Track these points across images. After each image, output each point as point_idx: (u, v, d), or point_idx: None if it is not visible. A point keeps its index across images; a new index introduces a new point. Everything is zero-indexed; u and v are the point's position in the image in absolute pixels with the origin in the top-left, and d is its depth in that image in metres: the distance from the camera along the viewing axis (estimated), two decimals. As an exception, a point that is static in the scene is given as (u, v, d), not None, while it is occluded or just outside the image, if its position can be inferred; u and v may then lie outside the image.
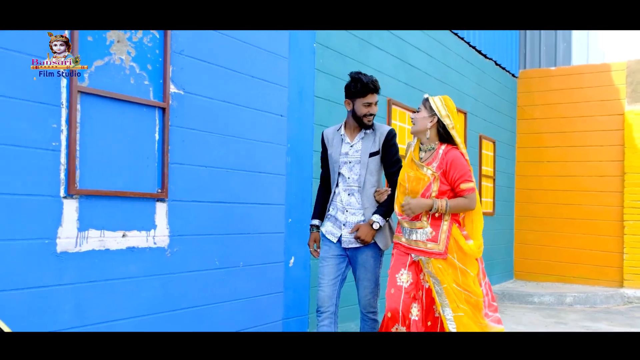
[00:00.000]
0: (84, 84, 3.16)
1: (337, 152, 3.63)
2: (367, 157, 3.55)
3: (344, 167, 3.60)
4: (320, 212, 3.76)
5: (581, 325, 6.55)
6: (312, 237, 3.72)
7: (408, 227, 3.39)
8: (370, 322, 3.60)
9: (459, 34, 7.59)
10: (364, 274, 3.56)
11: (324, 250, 3.65)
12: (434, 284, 3.27)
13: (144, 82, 3.50)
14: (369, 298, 3.57)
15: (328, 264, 3.60)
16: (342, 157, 3.61)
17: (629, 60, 8.89)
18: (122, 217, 3.36)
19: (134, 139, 3.44)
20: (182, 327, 3.71)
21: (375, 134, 3.59)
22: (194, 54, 3.81)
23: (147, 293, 3.50)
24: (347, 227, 3.57)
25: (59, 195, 3.05)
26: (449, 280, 3.24)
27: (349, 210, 3.58)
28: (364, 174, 3.54)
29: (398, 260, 3.42)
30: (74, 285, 3.12)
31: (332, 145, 3.67)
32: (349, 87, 3.55)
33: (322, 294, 3.57)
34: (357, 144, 3.60)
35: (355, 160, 3.58)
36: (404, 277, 3.36)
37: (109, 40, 3.30)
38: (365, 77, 3.51)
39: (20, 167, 2.89)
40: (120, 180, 3.36)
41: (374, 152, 3.57)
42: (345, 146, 3.62)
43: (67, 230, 3.08)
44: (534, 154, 9.53)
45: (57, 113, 3.04)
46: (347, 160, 3.60)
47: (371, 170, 3.56)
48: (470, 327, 3.23)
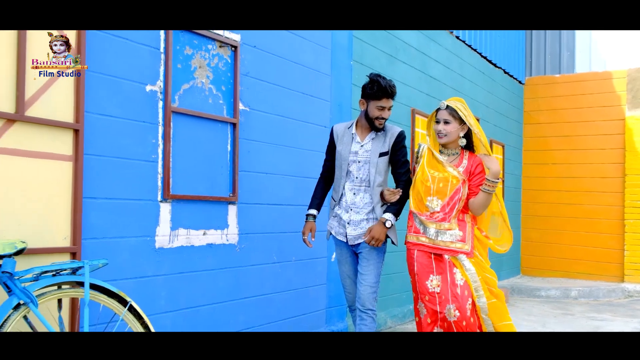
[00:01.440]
0: (175, 104, 3.71)
1: (347, 150, 3.64)
2: (376, 157, 3.57)
3: (353, 166, 3.62)
4: (318, 203, 3.82)
5: (587, 316, 7.12)
6: (307, 225, 3.75)
7: (435, 228, 3.46)
8: (369, 321, 3.55)
9: (473, 45, 8.15)
10: (366, 266, 3.56)
11: (339, 254, 3.78)
12: (470, 278, 3.40)
13: (219, 102, 4.05)
14: (369, 292, 3.54)
15: (347, 267, 3.73)
16: (351, 156, 3.63)
17: (629, 68, 9.46)
18: (203, 218, 3.91)
19: (211, 151, 3.99)
20: (248, 313, 4.26)
21: (385, 134, 3.61)
22: (257, 75, 4.36)
23: (221, 283, 4.06)
24: (351, 225, 3.62)
25: (157, 199, 3.60)
26: (482, 273, 3.43)
27: (353, 210, 3.63)
28: (373, 174, 3.57)
29: (423, 267, 3.48)
30: (167, 275, 3.67)
31: (341, 142, 3.68)
32: (365, 87, 3.56)
33: (349, 296, 3.77)
34: (368, 144, 3.61)
35: (364, 160, 3.60)
36: (434, 282, 3.45)
37: (193, 66, 3.85)
38: (384, 80, 3.50)
39: (128, 176, 3.44)
40: (202, 186, 3.91)
41: (383, 152, 3.59)
42: (356, 145, 3.63)
43: (163, 229, 3.64)
44: (540, 157, 10.10)
45: (155, 130, 3.59)
46: (357, 160, 3.62)
47: (380, 170, 3.58)
48: (503, 310, 3.46)
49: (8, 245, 2.50)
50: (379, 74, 3.56)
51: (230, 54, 4.12)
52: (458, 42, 7.76)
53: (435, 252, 3.46)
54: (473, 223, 3.49)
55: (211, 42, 3.97)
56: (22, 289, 2.50)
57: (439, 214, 3.45)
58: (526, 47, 10.33)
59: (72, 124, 3.10)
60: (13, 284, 2.50)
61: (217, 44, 4.01)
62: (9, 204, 2.83)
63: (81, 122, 3.12)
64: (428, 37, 6.94)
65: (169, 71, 3.63)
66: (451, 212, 3.43)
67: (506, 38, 9.39)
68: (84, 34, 3.13)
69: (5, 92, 2.83)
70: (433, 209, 3.48)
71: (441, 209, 3.45)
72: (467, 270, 3.41)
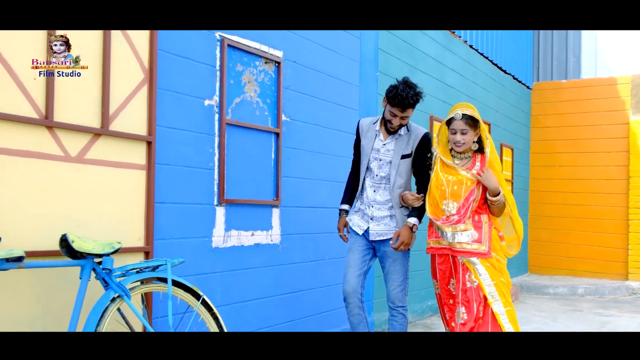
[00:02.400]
0: (229, 117, 4.07)
1: (370, 146, 3.63)
2: (398, 159, 3.55)
3: (374, 163, 3.61)
4: (349, 198, 3.82)
5: (594, 312, 7.50)
6: (341, 221, 3.79)
7: (451, 230, 3.47)
8: (400, 317, 3.60)
9: (485, 53, 8.51)
10: (392, 266, 3.58)
11: (351, 242, 3.71)
12: (485, 284, 3.39)
13: (265, 113, 4.41)
14: (398, 291, 3.59)
15: (354, 255, 3.64)
16: (373, 153, 3.61)
17: (633, 74, 9.83)
18: (251, 220, 4.28)
19: (258, 158, 4.36)
20: (288, 307, 4.62)
21: (410, 135, 3.58)
22: (296, 88, 4.72)
23: (267, 280, 4.42)
24: (375, 221, 3.62)
25: (213, 203, 3.97)
26: (497, 277, 3.41)
27: (374, 206, 3.63)
28: (393, 175, 3.56)
29: (444, 273, 3.55)
30: (222, 273, 4.04)
31: (365, 136, 3.67)
32: (388, 88, 3.52)
33: (347, 286, 3.60)
34: (390, 144, 3.59)
35: (385, 160, 3.59)
36: (454, 286, 3.53)
37: (243, 82, 4.21)
38: (404, 88, 3.41)
39: (190, 182, 3.80)
40: (250, 190, 4.27)
41: (406, 154, 3.56)
42: (378, 142, 3.62)
43: (218, 230, 4.00)
44: (547, 159, 10.47)
45: (212, 140, 3.96)
46: (378, 158, 3.61)
47: (401, 172, 3.56)
48: (516, 320, 3.44)
49: (107, 245, 2.86)
50: (408, 81, 3.48)
51: (274, 69, 4.48)
52: (471, 50, 8.12)
53: (454, 255, 3.50)
54: (490, 224, 3.51)
55: (258, 59, 4.33)
56: (118, 284, 2.87)
57: (455, 217, 3.47)
58: (534, 53, 10.70)
59: (145, 136, 3.46)
60: (110, 279, 2.86)
61: (263, 61, 4.38)
62: (95, 208, 3.19)
63: (153, 135, 3.49)
64: (444, 47, 7.30)
65: (223, 86, 3.99)
66: (466, 214, 3.45)
67: (515, 45, 9.76)
68: (156, 54, 3.49)
69: (93, 109, 3.19)
70: (449, 212, 3.49)
71: (457, 212, 3.47)
72: (480, 275, 3.41)
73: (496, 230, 3.54)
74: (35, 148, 2.92)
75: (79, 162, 3.12)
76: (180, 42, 3.71)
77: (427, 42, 6.86)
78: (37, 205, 2.92)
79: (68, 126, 3.04)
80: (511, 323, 3.40)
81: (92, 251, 2.79)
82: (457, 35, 7.66)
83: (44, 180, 2.95)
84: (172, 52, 3.66)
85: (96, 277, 2.88)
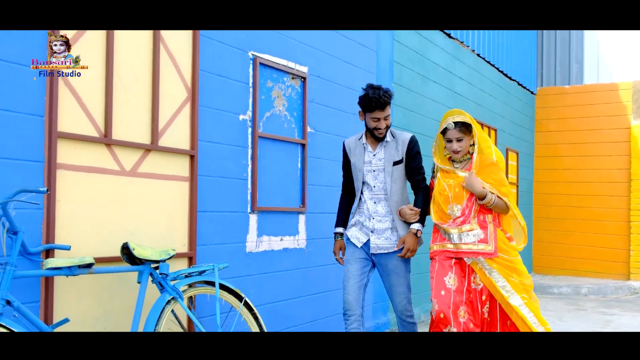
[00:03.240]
0: (260, 130, 4.37)
1: (361, 161, 3.63)
2: (390, 165, 3.56)
3: (369, 175, 3.62)
4: (343, 220, 3.80)
5: (598, 311, 7.80)
6: (337, 244, 3.75)
7: (457, 232, 3.48)
8: (410, 326, 3.63)
9: (491, 61, 8.80)
10: (396, 280, 3.56)
11: (349, 253, 3.66)
12: (496, 280, 3.40)
13: (292, 126, 4.71)
14: (405, 304, 3.59)
15: (353, 267, 3.59)
16: (366, 166, 3.62)
17: (635, 80, 10.14)
18: (280, 226, 4.57)
19: (286, 168, 4.65)
20: (313, 307, 4.92)
21: (397, 141, 3.59)
22: (320, 101, 5.02)
23: (295, 282, 4.72)
24: (376, 234, 3.59)
25: (247, 211, 4.26)
26: (507, 275, 3.42)
27: (376, 218, 3.60)
28: (389, 182, 3.56)
29: (443, 266, 3.52)
30: (255, 275, 4.33)
31: (354, 154, 3.68)
32: (359, 99, 3.54)
33: (348, 297, 3.54)
34: (380, 152, 3.61)
35: (379, 169, 3.60)
36: (452, 280, 3.47)
37: (273, 97, 4.50)
38: (373, 91, 3.44)
39: (227, 192, 4.09)
40: (279, 198, 4.57)
41: (397, 160, 3.58)
42: (368, 155, 3.63)
43: (251, 236, 4.29)
44: (550, 162, 10.78)
45: (245, 153, 4.25)
46: (372, 169, 3.61)
47: (395, 179, 3.57)
48: (537, 311, 3.44)
49: (163, 252, 3.16)
50: (372, 85, 3.50)
51: (300, 84, 4.77)
52: (479, 59, 8.42)
53: (458, 257, 3.49)
54: (495, 224, 3.50)
55: (286, 75, 4.63)
56: (172, 287, 3.16)
57: (460, 218, 3.49)
58: (537, 59, 11.00)
59: (189, 150, 3.75)
60: (166, 283, 3.15)
61: (291, 76, 4.67)
62: (146, 217, 3.49)
63: (196, 149, 3.78)
64: (454, 57, 7.60)
65: (256, 102, 4.28)
66: (470, 214, 3.48)
67: (520, 52, 10.05)
68: (197, 74, 3.79)
69: (144, 126, 3.48)
70: (454, 215, 3.52)
71: (461, 213, 3.50)
72: (491, 274, 3.42)
73: (503, 232, 3.53)
74: (95, 164, 3.21)
75: (133, 175, 3.41)
76: (218, 62, 4.00)
77: (438, 53, 7.15)
78: (96, 216, 3.21)
79: (124, 143, 3.33)
80: (533, 312, 3.39)
81: (150, 257, 3.09)
82: (465, 45, 7.95)
83: (103, 192, 3.24)
84: (211, 71, 3.95)
85: (152, 281, 3.18)
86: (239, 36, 4.17)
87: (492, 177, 3.48)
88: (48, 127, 2.96)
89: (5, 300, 2.55)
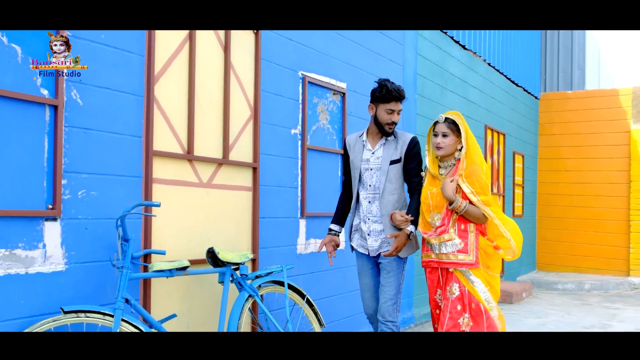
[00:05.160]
0: (308, 142, 4.79)
1: (359, 158, 3.60)
2: (387, 164, 3.50)
3: (366, 174, 3.58)
4: (339, 218, 3.78)
5: (603, 306, 8.29)
6: (327, 237, 3.75)
7: (437, 242, 3.43)
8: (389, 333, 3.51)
9: (500, 69, 9.26)
10: (386, 278, 3.54)
11: (360, 266, 3.72)
12: (478, 290, 3.37)
13: (333, 137, 5.14)
14: (389, 305, 3.50)
15: (366, 280, 3.67)
16: (363, 164, 3.58)
17: (634, 86, 10.64)
18: (324, 230, 4.98)
19: (328, 177, 5.08)
20: (351, 304, 5.35)
21: (397, 141, 3.53)
22: (356, 114, 5.45)
23: (335, 280, 5.15)
24: (372, 236, 3.58)
25: (297, 217, 4.69)
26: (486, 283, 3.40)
27: (371, 219, 3.58)
28: (383, 181, 3.50)
29: (433, 283, 3.54)
30: (304, 275, 4.76)
31: (353, 150, 3.64)
32: (374, 91, 3.50)
33: (368, 310, 3.68)
34: (379, 151, 3.55)
35: (375, 167, 3.54)
36: (438, 296, 3.53)
37: (318, 111, 4.93)
38: (392, 84, 3.45)
39: (282, 200, 4.52)
40: (322, 204, 5.00)
41: (395, 159, 3.51)
42: (367, 152, 3.58)
43: (301, 239, 4.73)
44: (554, 164, 11.27)
45: (296, 163, 4.68)
46: (368, 167, 3.56)
47: (390, 178, 3.50)
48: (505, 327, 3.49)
49: (243, 255, 3.58)
50: (387, 79, 3.54)
51: (340, 99, 5.20)
52: (490, 68, 8.88)
53: (442, 267, 3.47)
54: (478, 233, 3.43)
55: (328, 91, 5.06)
56: (250, 286, 3.59)
57: (440, 228, 3.44)
58: (541, 65, 11.48)
59: (252, 163, 4.18)
60: (244, 282, 3.58)
61: (332, 92, 5.10)
62: (218, 223, 3.91)
63: (257, 162, 4.20)
64: (468, 67, 8.05)
65: (305, 117, 4.71)
66: (449, 222, 3.42)
67: (525, 59, 10.52)
68: (259, 94, 4.20)
69: (217, 143, 3.90)
70: (435, 224, 3.47)
71: (442, 223, 3.44)
72: (473, 282, 3.38)
73: (489, 241, 3.46)
74: (180, 177, 3.63)
75: (208, 187, 3.83)
76: (275, 82, 4.42)
77: (454, 64, 7.60)
78: (180, 223, 3.63)
79: (202, 158, 3.75)
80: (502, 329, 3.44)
81: (232, 260, 3.51)
82: (478, 55, 8.40)
83: (185, 202, 3.66)
84: (270, 91, 4.37)
85: (232, 281, 3.60)
86: (291, 58, 4.59)
87: (477, 184, 3.37)
88: (145, 146, 3.38)
89: (125, 299, 2.96)
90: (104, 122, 3.16)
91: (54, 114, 2.91)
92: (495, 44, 9.05)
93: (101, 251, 3.14)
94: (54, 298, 2.90)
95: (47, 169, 2.89)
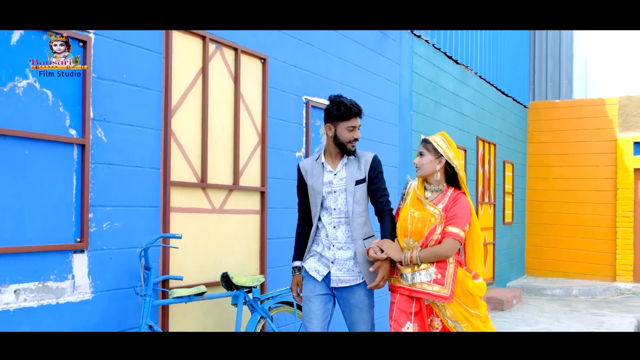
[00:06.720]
0: (311, 164, 4.98)
1: (320, 182, 3.32)
2: (352, 185, 3.27)
3: (329, 198, 3.30)
4: (300, 252, 3.45)
5: (590, 312, 8.57)
6: (294, 280, 3.41)
7: (410, 271, 3.16)
8: None
9: (491, 81, 9.52)
10: (359, 316, 3.25)
11: (308, 290, 3.32)
12: (454, 327, 3.14)
13: (335, 157, 5.33)
14: None
15: (315, 305, 3.27)
16: (325, 187, 3.31)
17: (620, 96, 10.94)
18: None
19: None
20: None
21: (359, 160, 3.32)
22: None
23: (337, 295, 5.35)
24: (337, 264, 3.26)
25: (302, 236, 4.88)
26: (464, 321, 3.13)
27: (336, 245, 3.28)
28: (351, 203, 3.25)
29: (401, 311, 3.18)
30: (307, 291, 4.95)
31: (312, 176, 3.36)
32: (329, 110, 3.28)
33: None
34: (341, 172, 3.32)
35: (340, 189, 3.29)
36: (410, 330, 3.15)
37: (320, 134, 5.13)
38: (348, 100, 3.27)
39: (286, 221, 4.70)
40: (325, 223, 5.19)
41: (360, 179, 3.29)
42: (328, 175, 3.33)
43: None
44: (542, 172, 11.55)
45: (300, 185, 4.86)
46: (332, 190, 3.30)
47: (358, 199, 3.27)
48: None
49: (255, 279, 3.77)
50: (339, 95, 3.34)
51: (341, 120, 5.40)
52: (481, 80, 9.12)
53: (414, 296, 3.18)
54: (457, 264, 3.17)
55: (330, 114, 5.25)
56: (261, 308, 3.78)
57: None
58: (530, 75, 11.76)
59: (260, 187, 4.37)
60: (257, 304, 3.77)
61: (334, 114, 5.29)
62: (229, 247, 4.10)
63: (265, 186, 4.39)
64: (460, 81, 8.29)
65: (308, 140, 4.91)
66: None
67: (514, 69, 10.78)
68: (267, 120, 4.39)
69: (228, 170, 4.09)
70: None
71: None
72: (449, 319, 3.14)
73: (468, 271, 3.23)
74: (195, 204, 3.82)
75: (220, 212, 4.02)
76: (280, 108, 4.61)
77: (447, 79, 7.83)
78: (195, 248, 3.81)
79: (214, 186, 3.94)
80: None
81: (245, 284, 3.70)
82: (469, 68, 8.64)
83: (199, 228, 3.85)
84: (276, 116, 4.56)
85: (245, 303, 3.79)
86: (295, 84, 4.78)
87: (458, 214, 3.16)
88: (163, 177, 3.56)
89: (148, 325, 3.15)
90: (125, 157, 3.34)
91: (81, 152, 3.09)
92: (486, 56, 9.30)
93: (124, 278, 3.32)
94: (82, 325, 3.08)
95: (75, 204, 3.07)
